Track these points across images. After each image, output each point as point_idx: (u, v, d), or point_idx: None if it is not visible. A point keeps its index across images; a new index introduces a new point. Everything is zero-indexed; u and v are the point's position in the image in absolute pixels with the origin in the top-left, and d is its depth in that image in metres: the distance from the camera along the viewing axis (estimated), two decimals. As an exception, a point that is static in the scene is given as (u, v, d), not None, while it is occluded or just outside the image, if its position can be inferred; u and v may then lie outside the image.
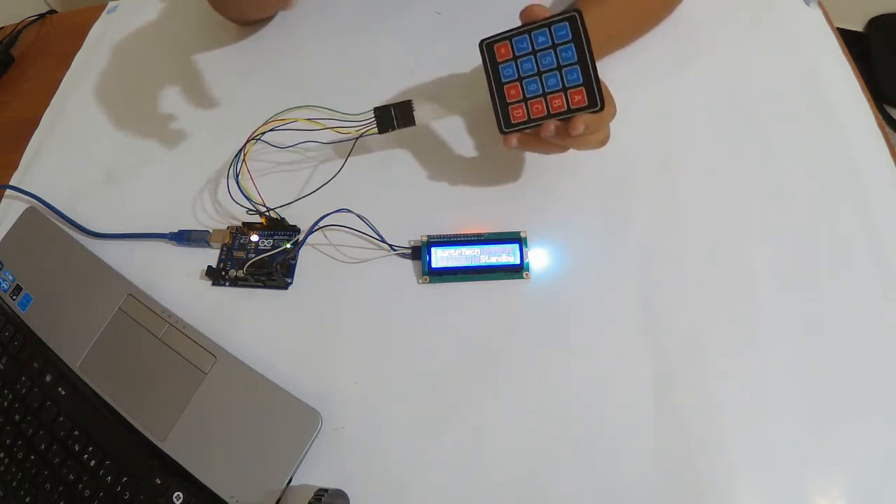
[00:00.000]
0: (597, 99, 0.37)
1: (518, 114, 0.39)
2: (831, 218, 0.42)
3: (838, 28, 0.51)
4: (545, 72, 0.38)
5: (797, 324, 0.39)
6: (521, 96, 0.39)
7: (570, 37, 0.37)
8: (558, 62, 0.37)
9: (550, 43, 0.37)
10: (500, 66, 0.39)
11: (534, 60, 0.38)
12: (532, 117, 0.38)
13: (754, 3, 0.52)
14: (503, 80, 0.39)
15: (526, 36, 0.38)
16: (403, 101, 0.43)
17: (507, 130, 0.39)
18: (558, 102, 0.38)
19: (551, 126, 0.37)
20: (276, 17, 0.61)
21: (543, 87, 0.38)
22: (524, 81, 0.38)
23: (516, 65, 0.38)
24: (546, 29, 0.37)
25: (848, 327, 0.38)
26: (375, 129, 0.43)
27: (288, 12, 0.60)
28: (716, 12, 0.52)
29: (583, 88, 0.37)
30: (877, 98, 1.14)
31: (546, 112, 0.38)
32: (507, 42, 0.38)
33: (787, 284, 0.40)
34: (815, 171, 0.44)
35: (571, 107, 0.37)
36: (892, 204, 0.42)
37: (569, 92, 0.37)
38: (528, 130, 0.39)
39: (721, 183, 0.44)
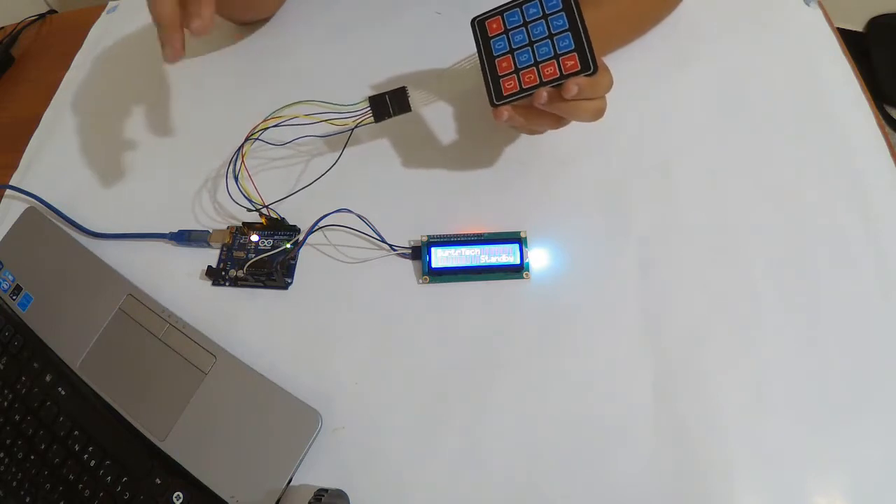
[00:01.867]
0: (589, 62, 0.37)
1: (510, 85, 0.39)
2: (831, 218, 0.42)
3: (838, 28, 0.51)
4: (537, 41, 0.38)
5: (797, 323, 0.39)
6: (513, 68, 0.39)
7: (561, 6, 0.37)
8: (549, 31, 0.38)
9: (541, 13, 0.38)
10: (491, 41, 0.39)
11: (525, 32, 0.38)
12: (524, 87, 0.38)
13: (754, 3, 0.52)
14: (495, 53, 0.39)
15: (517, 10, 0.38)
16: (398, 88, 0.43)
17: (498, 103, 0.39)
18: (550, 70, 0.38)
19: (543, 93, 0.37)
20: (275, 17, 0.60)
21: (535, 56, 0.38)
22: (516, 53, 0.38)
23: (508, 38, 0.39)
24: (537, 1, 0.38)
25: (848, 327, 0.38)
26: (371, 119, 0.43)
27: (288, 11, 0.60)
28: (716, 12, 0.52)
29: (575, 54, 0.37)
30: (877, 98, 1.14)
31: (538, 80, 0.38)
32: (499, 17, 0.39)
33: (787, 284, 0.40)
34: (815, 171, 0.44)
35: (564, 72, 0.37)
36: (892, 204, 0.42)
37: (561, 59, 0.37)
38: (519, 102, 0.39)
39: (721, 183, 0.44)
